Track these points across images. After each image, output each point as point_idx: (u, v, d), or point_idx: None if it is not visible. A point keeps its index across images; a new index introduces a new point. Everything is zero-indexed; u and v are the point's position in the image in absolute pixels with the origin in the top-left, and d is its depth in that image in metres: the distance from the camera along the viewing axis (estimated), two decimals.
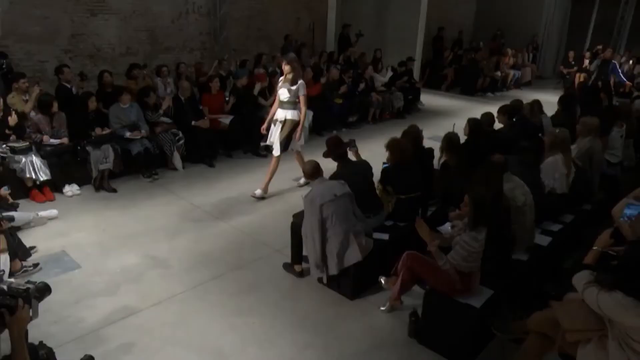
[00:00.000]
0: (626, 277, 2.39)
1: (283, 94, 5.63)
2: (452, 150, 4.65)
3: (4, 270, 3.61)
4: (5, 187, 4.95)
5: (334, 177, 4.17)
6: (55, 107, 5.81)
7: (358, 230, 3.87)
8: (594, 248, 2.81)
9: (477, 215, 3.15)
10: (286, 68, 5.53)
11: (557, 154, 4.51)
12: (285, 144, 5.75)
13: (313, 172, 3.96)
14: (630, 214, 3.05)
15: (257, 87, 7.62)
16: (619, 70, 12.10)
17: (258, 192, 5.86)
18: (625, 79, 12.07)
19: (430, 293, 3.44)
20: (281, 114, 5.71)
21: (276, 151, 5.73)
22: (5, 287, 2.15)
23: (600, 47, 14.09)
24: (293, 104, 5.66)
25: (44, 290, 2.29)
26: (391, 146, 4.38)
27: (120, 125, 6.22)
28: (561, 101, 7.09)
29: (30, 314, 2.13)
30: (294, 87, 5.56)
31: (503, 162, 3.90)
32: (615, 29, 14.90)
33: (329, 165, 4.47)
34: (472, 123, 5.33)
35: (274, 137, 5.78)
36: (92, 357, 2.93)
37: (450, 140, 4.69)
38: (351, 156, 4.59)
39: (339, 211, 3.77)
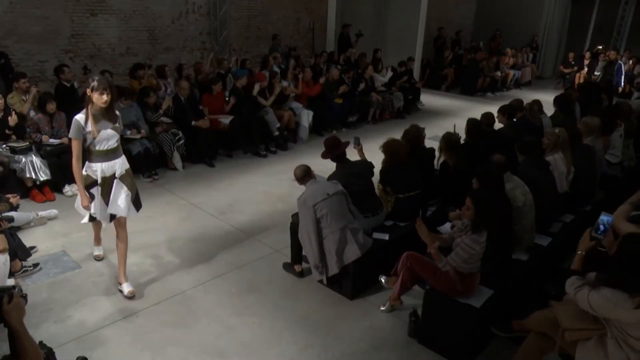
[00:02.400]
0: (619, 271, 2.40)
1: (108, 138, 3.63)
2: (450, 150, 4.66)
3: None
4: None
5: (329, 178, 4.17)
6: (51, 106, 5.80)
7: (355, 228, 3.87)
8: (578, 252, 2.79)
9: (479, 218, 3.14)
10: (103, 98, 3.50)
11: (556, 153, 4.51)
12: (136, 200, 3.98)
13: (303, 176, 3.95)
14: (607, 221, 2.94)
15: (256, 88, 7.60)
16: (622, 72, 12.16)
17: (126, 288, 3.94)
18: (622, 83, 12.15)
19: (430, 293, 3.43)
20: (113, 167, 3.73)
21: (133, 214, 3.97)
22: None
23: (600, 47, 14.11)
24: (119, 147, 3.79)
25: (24, 297, 2.34)
26: (385, 148, 4.38)
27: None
28: (556, 101, 7.07)
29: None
30: (118, 124, 3.72)
31: (503, 162, 3.90)
32: (615, 29, 14.91)
33: (329, 165, 4.47)
34: (471, 123, 5.35)
35: (119, 202, 3.79)
36: (85, 358, 2.94)
37: (448, 140, 4.70)
38: (350, 156, 4.58)
39: (333, 209, 3.77)
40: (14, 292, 2.05)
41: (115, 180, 3.79)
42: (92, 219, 3.95)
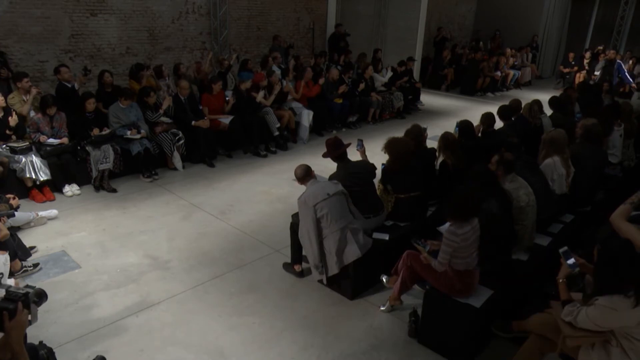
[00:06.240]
0: (605, 274, 2.40)
1: None
2: (449, 149, 4.68)
3: (2, 274, 3.60)
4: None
5: (330, 178, 4.17)
6: (52, 111, 5.80)
7: (355, 228, 3.87)
8: (560, 281, 2.78)
9: (452, 210, 3.19)
10: None
11: (553, 155, 4.51)
12: None
13: (304, 175, 3.95)
14: (565, 251, 2.90)
15: (260, 95, 7.57)
16: (625, 70, 12.13)
17: None
18: (630, 79, 12.12)
19: (430, 293, 3.44)
20: None
21: None
22: (4, 291, 2.14)
23: (601, 47, 14.12)
24: None
25: (42, 295, 2.28)
26: (387, 147, 4.36)
27: (120, 125, 6.22)
28: (551, 103, 7.00)
29: (29, 318, 2.13)
30: None
31: (510, 161, 3.88)
32: (615, 29, 14.92)
33: (329, 165, 4.47)
34: (462, 124, 5.39)
35: None
36: (104, 358, 2.93)
37: (446, 139, 4.71)
38: (352, 157, 4.57)
39: (333, 209, 3.77)
40: (18, 309, 1.97)
41: None
42: None
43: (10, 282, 3.80)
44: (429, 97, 12.11)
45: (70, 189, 5.81)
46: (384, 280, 3.94)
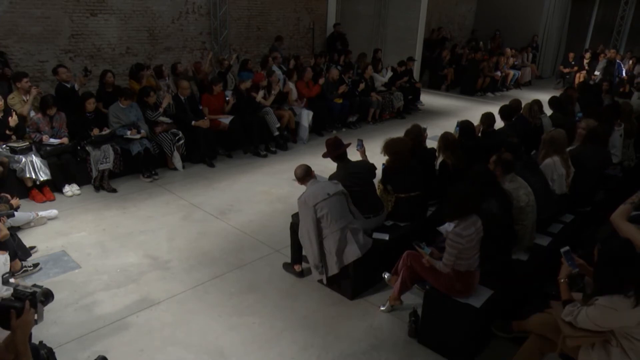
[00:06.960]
0: (605, 274, 2.41)
1: None
2: (449, 149, 4.67)
3: (9, 273, 3.60)
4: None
5: (330, 178, 4.17)
6: (52, 111, 5.80)
7: (355, 228, 3.87)
8: (561, 281, 2.78)
9: (452, 209, 3.20)
10: None
11: (553, 155, 4.51)
12: None
13: (304, 175, 3.95)
14: (566, 250, 2.90)
15: (260, 94, 7.58)
16: (623, 69, 12.23)
17: None
18: (624, 74, 12.25)
19: (430, 293, 3.44)
20: None
21: None
22: (11, 289, 2.15)
23: (602, 46, 14.14)
24: None
25: (49, 295, 2.29)
26: (386, 148, 4.37)
27: (120, 125, 6.22)
28: (551, 103, 7.01)
29: (36, 317, 2.13)
30: None
31: (510, 161, 3.88)
32: (615, 29, 14.92)
33: (329, 165, 4.47)
34: (462, 125, 5.39)
35: None
36: (105, 358, 2.94)
37: (446, 139, 4.71)
38: (352, 157, 4.57)
39: (333, 210, 3.77)
40: (25, 308, 1.97)
41: None
42: None
43: (11, 282, 3.80)
44: (429, 97, 12.11)
45: (70, 189, 5.81)
46: (386, 277, 3.93)
